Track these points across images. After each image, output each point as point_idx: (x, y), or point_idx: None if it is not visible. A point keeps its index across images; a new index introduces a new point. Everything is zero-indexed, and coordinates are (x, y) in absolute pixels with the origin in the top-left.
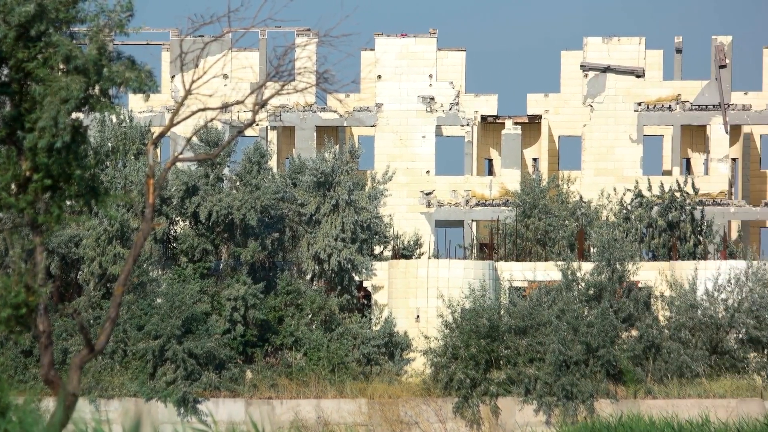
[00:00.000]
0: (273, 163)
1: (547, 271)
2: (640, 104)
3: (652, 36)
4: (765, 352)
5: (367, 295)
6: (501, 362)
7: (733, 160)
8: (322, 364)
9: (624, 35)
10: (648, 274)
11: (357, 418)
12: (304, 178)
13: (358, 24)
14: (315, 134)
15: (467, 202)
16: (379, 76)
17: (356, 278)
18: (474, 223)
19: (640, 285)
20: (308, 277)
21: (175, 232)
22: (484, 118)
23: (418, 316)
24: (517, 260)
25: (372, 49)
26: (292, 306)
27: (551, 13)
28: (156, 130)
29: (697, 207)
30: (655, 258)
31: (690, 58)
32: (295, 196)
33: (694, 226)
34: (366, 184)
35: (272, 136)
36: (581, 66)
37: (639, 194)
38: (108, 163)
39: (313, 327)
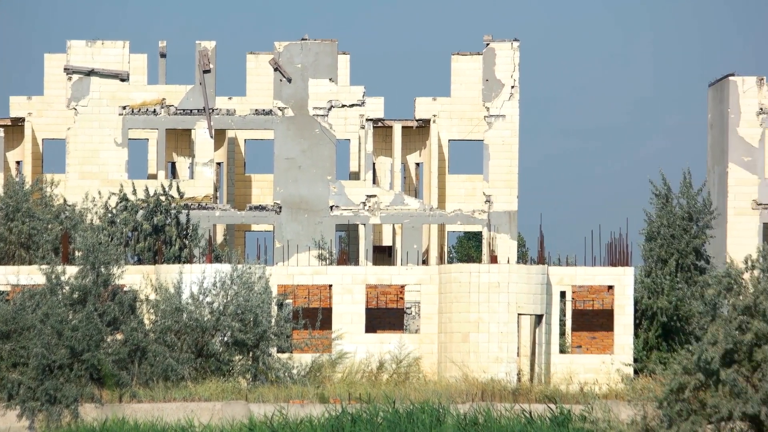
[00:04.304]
0: None
1: (31, 275)
2: (125, 108)
3: (137, 40)
4: (250, 355)
5: None
6: None
7: (218, 164)
8: None
9: (108, 39)
10: (133, 277)
11: None
12: None
13: None
14: None
15: None
16: None
17: None
18: None
19: (125, 289)
20: None
21: None
22: None
23: None
24: (0, 264)
25: None
26: None
27: (31, 15)
28: None
29: (183, 211)
30: (140, 262)
31: (174, 62)
32: None
33: (179, 229)
34: None
35: None
36: (65, 69)
37: (124, 198)
38: None
39: None
